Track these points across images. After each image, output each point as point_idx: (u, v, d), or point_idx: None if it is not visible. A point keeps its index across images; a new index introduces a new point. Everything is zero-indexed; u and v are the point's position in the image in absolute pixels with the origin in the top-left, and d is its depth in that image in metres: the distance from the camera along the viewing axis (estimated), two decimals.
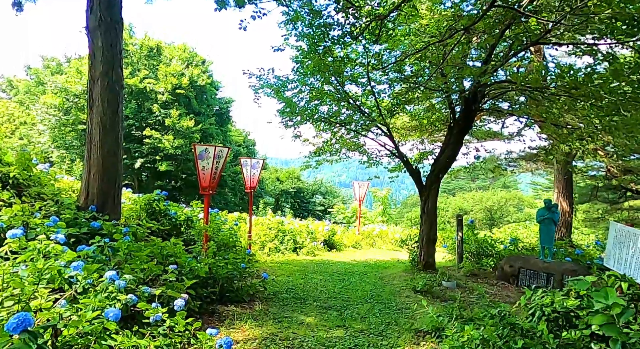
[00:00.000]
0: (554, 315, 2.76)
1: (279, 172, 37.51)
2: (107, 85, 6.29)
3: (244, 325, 4.53)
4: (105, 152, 6.26)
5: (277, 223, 11.55)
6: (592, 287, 3.04)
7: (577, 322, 2.78)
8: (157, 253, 4.99)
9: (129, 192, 10.11)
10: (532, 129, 11.43)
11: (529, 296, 3.09)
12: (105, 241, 4.49)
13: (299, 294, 6.28)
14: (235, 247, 7.86)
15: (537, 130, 12.02)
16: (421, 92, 8.74)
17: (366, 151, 11.00)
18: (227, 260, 5.81)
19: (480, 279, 8.50)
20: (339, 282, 7.48)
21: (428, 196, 8.75)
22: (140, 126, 23.99)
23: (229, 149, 6.99)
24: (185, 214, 8.18)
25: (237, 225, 9.34)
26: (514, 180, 49.91)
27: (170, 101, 24.36)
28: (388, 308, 5.76)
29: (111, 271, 3.60)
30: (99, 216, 5.88)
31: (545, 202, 8.13)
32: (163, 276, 4.27)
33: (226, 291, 5.48)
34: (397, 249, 13.75)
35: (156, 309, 3.37)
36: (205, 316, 4.73)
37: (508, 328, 2.76)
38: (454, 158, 8.86)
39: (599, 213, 18.91)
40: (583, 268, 7.65)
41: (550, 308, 2.80)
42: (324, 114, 9.24)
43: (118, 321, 3.09)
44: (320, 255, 10.91)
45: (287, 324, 4.73)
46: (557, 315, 2.77)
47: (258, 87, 9.14)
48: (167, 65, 24.67)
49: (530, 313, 2.97)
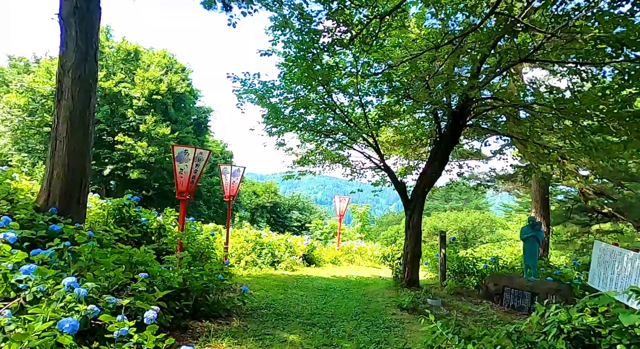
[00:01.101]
0: (575, 333, 2.51)
1: (256, 186, 36.82)
2: (79, 77, 5.78)
3: (221, 343, 4.06)
4: (72, 150, 5.70)
5: (255, 236, 11.05)
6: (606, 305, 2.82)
7: (598, 341, 2.53)
8: (125, 261, 4.48)
9: (97, 198, 9.41)
10: (513, 149, 11.58)
11: (541, 312, 2.83)
12: (66, 245, 3.96)
13: (280, 310, 5.83)
14: (210, 259, 7.35)
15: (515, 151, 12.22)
16: (408, 105, 8.66)
17: (350, 163, 10.80)
18: (202, 271, 5.33)
19: (464, 297, 8.28)
20: (321, 298, 7.06)
21: (413, 211, 8.55)
22: (112, 131, 22.98)
23: (210, 152, 6.58)
24: (158, 222, 7.61)
25: (213, 235, 8.81)
26: (485, 202, 51.11)
27: (146, 106, 23.57)
28: (375, 326, 5.40)
29: (70, 278, 3.11)
30: (60, 219, 5.28)
31: (530, 220, 8.08)
32: (131, 285, 3.78)
33: (201, 305, 4.98)
34: (377, 266, 13.44)
35: (122, 322, 2.90)
36: (177, 332, 4.23)
37: (525, 346, 2.48)
38: (440, 173, 8.75)
39: (568, 236, 19.35)
40: (566, 287, 7.57)
41: (570, 326, 2.55)
42: (309, 123, 8.98)
43: (75, 335, 2.61)
44: (299, 270, 10.45)
45: (268, 342, 4.29)
46: (577, 333, 2.51)
47: (242, 92, 8.82)
48: (144, 70, 23.95)
49: (544, 331, 2.71)
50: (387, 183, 11.24)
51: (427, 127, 10.61)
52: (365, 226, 19.32)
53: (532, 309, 7.46)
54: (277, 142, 9.27)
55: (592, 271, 6.62)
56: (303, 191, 55.52)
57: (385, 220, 51.15)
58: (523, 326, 2.92)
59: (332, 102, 8.65)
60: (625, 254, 5.87)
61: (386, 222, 48.91)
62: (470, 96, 7.17)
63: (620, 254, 6.00)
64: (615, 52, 5.77)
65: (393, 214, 59.21)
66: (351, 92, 8.59)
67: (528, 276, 7.95)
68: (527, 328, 2.95)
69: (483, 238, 29.16)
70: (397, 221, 45.12)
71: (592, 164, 8.83)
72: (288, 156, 10.74)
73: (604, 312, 2.70)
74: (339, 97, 8.95)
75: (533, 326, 2.80)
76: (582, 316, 2.67)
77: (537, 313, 2.86)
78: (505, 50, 6.61)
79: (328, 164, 10.69)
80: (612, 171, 8.87)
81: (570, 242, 19.53)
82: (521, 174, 12.43)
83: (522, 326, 2.90)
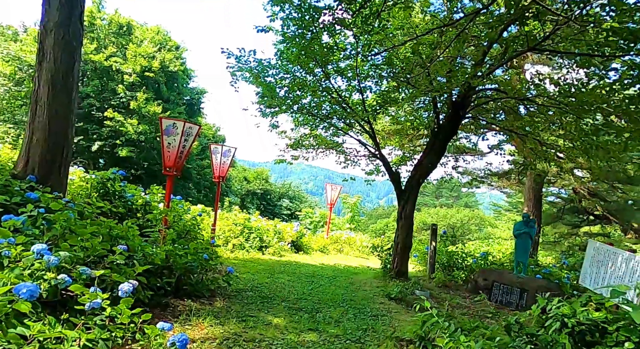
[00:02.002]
0: (580, 328, 2.34)
1: (247, 172, 36.45)
2: (63, 38, 5.44)
3: (202, 322, 3.86)
4: (54, 114, 5.39)
5: (244, 219, 10.82)
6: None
7: (603, 337, 2.37)
8: (104, 233, 4.22)
9: (81, 171, 9.06)
10: (510, 145, 11.47)
11: (542, 304, 2.67)
12: (40, 212, 3.69)
13: (265, 293, 5.65)
14: (197, 239, 7.12)
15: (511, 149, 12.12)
16: (408, 93, 8.43)
17: (344, 150, 10.58)
18: (187, 250, 5.10)
19: (452, 290, 8.19)
20: (308, 284, 6.89)
21: (407, 201, 8.38)
22: (102, 107, 22.30)
23: (199, 127, 6.30)
24: (144, 198, 7.33)
25: (201, 216, 8.55)
26: (475, 200, 51.49)
27: (138, 83, 22.90)
28: (363, 314, 5.25)
29: (41, 245, 2.86)
30: (38, 188, 4.99)
31: (524, 216, 7.97)
32: (109, 257, 3.54)
33: (184, 284, 4.77)
34: (365, 256, 13.35)
35: (94, 293, 2.67)
36: (157, 309, 4.02)
37: (525, 339, 2.31)
38: (436, 164, 8.57)
39: (556, 237, 19.49)
40: (556, 286, 7.50)
41: (574, 320, 2.39)
42: (305, 105, 8.71)
43: (43, 306, 2.38)
44: (287, 256, 10.28)
45: (252, 324, 4.09)
46: (582, 328, 2.35)
47: (236, 69, 8.49)
48: (137, 45, 23.23)
49: (545, 324, 2.55)
50: (381, 173, 11.07)
51: (425, 117, 10.43)
52: (356, 217, 19.21)
53: (521, 305, 7.39)
54: (271, 124, 8.99)
55: (584, 270, 6.55)
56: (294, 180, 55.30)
57: (375, 213, 51.22)
58: (522, 319, 2.76)
59: (329, 86, 8.38)
60: (620, 254, 5.79)
61: (376, 215, 48.97)
62: (474, 85, 6.96)
63: (615, 254, 5.92)
64: (628, 46, 5.61)
65: (383, 208, 59.40)
66: (349, 76, 8.33)
67: (518, 273, 7.87)
68: (527, 321, 2.79)
69: (471, 235, 29.34)
70: (387, 215, 45.23)
71: (590, 164, 8.74)
72: (281, 140, 10.49)
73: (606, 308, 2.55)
74: (336, 80, 8.69)
75: (533, 319, 2.64)
76: (587, 310, 2.52)
77: (538, 305, 2.70)
78: (513, 38, 6.40)
79: (322, 150, 10.46)
80: (609, 171, 8.80)
81: (557, 244, 19.69)
82: (517, 171, 12.36)
83: (521, 319, 2.74)
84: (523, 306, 7.42)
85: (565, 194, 16.67)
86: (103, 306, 2.71)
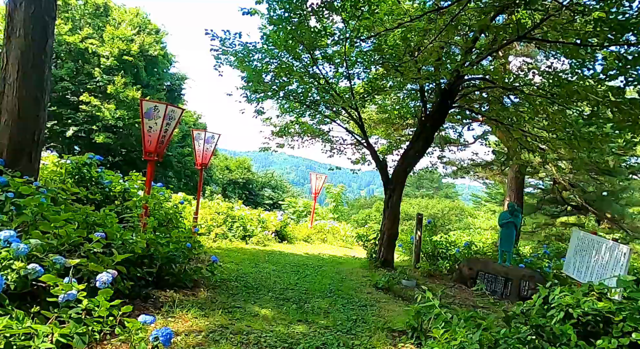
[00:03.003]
0: (586, 319, 2.28)
1: (229, 161, 35.86)
2: (34, 12, 5.04)
3: (186, 314, 3.67)
4: (24, 95, 5.02)
5: (227, 208, 10.58)
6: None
7: (609, 327, 2.32)
8: (80, 220, 3.96)
9: (55, 156, 8.60)
10: (493, 137, 11.54)
11: (544, 294, 2.60)
12: (8, 196, 3.40)
13: (251, 283, 5.49)
14: (179, 228, 6.87)
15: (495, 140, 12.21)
16: (396, 81, 8.30)
17: (330, 139, 10.42)
18: (169, 238, 4.88)
19: (437, 280, 8.23)
20: (294, 274, 6.76)
21: (394, 190, 8.32)
22: (77, 91, 21.34)
23: (182, 111, 6.00)
24: (123, 185, 7.00)
25: (183, 204, 8.28)
26: (455, 191, 52.38)
27: (115, 67, 21.97)
28: (351, 304, 5.16)
29: (8, 232, 2.61)
30: (7, 172, 4.65)
31: (509, 206, 8.03)
32: (85, 245, 3.29)
33: (166, 274, 4.56)
34: (349, 246, 13.31)
35: (69, 284, 2.45)
36: (138, 300, 3.82)
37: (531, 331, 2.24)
38: (423, 153, 8.53)
39: (533, 227, 19.98)
40: (540, 275, 7.61)
41: (579, 310, 2.32)
42: (291, 92, 8.48)
43: (11, 298, 2.15)
44: (271, 246, 10.12)
45: (239, 315, 3.93)
46: (588, 319, 2.28)
47: (220, 52, 8.16)
48: (115, 28, 22.24)
49: (547, 314, 2.48)
50: (367, 162, 10.98)
51: (412, 106, 10.34)
52: (339, 207, 19.15)
53: (505, 294, 7.47)
54: (256, 110, 8.72)
55: (567, 259, 6.63)
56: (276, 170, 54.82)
57: (357, 203, 51.41)
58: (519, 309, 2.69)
59: (316, 73, 8.17)
60: (604, 243, 5.86)
61: (357, 205, 49.15)
62: (463, 73, 6.89)
63: (599, 242, 5.99)
64: (615, 36, 5.62)
65: (365, 198, 59.72)
66: (337, 62, 8.12)
67: (503, 262, 7.95)
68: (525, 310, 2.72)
69: (452, 225, 29.80)
70: (369, 205, 45.46)
71: (572, 155, 8.85)
72: (266, 127, 10.25)
73: None
74: (324, 67, 8.48)
75: (534, 309, 2.57)
76: (590, 300, 2.46)
77: (540, 295, 2.62)
78: (504, 26, 6.33)
79: (308, 138, 10.28)
80: (591, 163, 8.94)
81: (534, 234, 20.20)
82: (499, 162, 12.48)
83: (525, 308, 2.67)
84: (507, 295, 7.50)
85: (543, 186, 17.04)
86: (79, 298, 2.50)
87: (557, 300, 2.45)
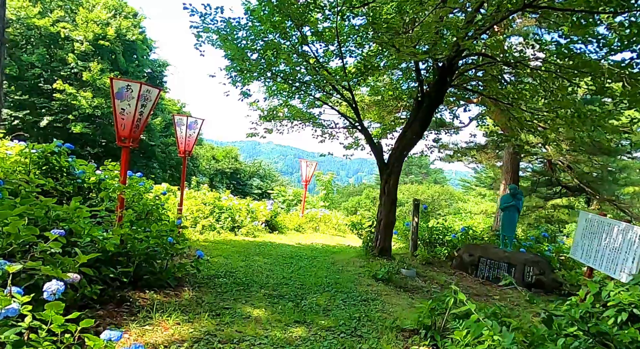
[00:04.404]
0: None
1: (216, 151, 34.98)
2: None
3: (167, 320, 3.18)
4: None
5: (214, 198, 10.02)
6: None
7: None
8: (40, 215, 3.40)
9: (21, 146, 7.88)
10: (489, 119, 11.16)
11: (595, 291, 2.18)
12: None
13: (241, 279, 5.00)
14: (161, 220, 6.32)
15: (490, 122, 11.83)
16: (391, 58, 7.77)
17: (322, 123, 9.88)
18: (148, 233, 4.34)
19: (436, 267, 7.88)
20: (287, 266, 6.31)
21: (390, 175, 7.87)
22: (50, 78, 20.18)
23: (159, 90, 5.39)
24: (97, 176, 6.38)
25: (165, 195, 7.70)
26: (443, 177, 52.56)
27: (91, 52, 20.81)
28: (352, 299, 4.73)
29: None
30: None
31: (511, 188, 7.67)
32: (40, 245, 2.75)
33: (144, 273, 4.04)
34: (341, 234, 12.92)
35: (7, 297, 1.92)
36: (111, 305, 3.31)
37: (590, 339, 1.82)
38: (420, 135, 8.07)
39: (524, 210, 19.92)
40: (544, 259, 7.31)
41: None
42: (279, 72, 7.89)
43: None
44: (262, 237, 9.64)
45: (228, 319, 3.45)
46: None
47: (201, 30, 7.50)
48: (88, 10, 21.01)
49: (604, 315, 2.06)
50: (360, 146, 10.51)
51: (405, 89, 9.86)
52: (330, 195, 18.70)
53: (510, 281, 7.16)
54: (242, 91, 8.11)
55: (575, 243, 6.32)
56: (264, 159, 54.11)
57: (346, 191, 51.22)
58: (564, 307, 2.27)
59: (305, 51, 7.59)
60: (616, 225, 5.54)
61: (347, 193, 48.96)
62: (464, 46, 6.40)
63: (610, 225, 5.67)
64: (628, 3, 5.21)
65: (353, 186, 59.58)
66: (328, 39, 7.54)
67: (504, 247, 7.64)
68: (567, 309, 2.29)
69: (442, 211, 29.75)
70: (358, 192, 45.29)
71: (572, 134, 8.51)
72: (253, 111, 9.64)
73: None
74: (314, 44, 7.89)
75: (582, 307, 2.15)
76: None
77: (589, 291, 2.20)
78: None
79: (298, 123, 9.71)
80: (590, 142, 8.62)
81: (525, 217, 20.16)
82: (494, 144, 12.15)
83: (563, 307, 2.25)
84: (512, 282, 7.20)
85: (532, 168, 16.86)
86: (23, 313, 1.97)
87: (613, 297, 2.03)
